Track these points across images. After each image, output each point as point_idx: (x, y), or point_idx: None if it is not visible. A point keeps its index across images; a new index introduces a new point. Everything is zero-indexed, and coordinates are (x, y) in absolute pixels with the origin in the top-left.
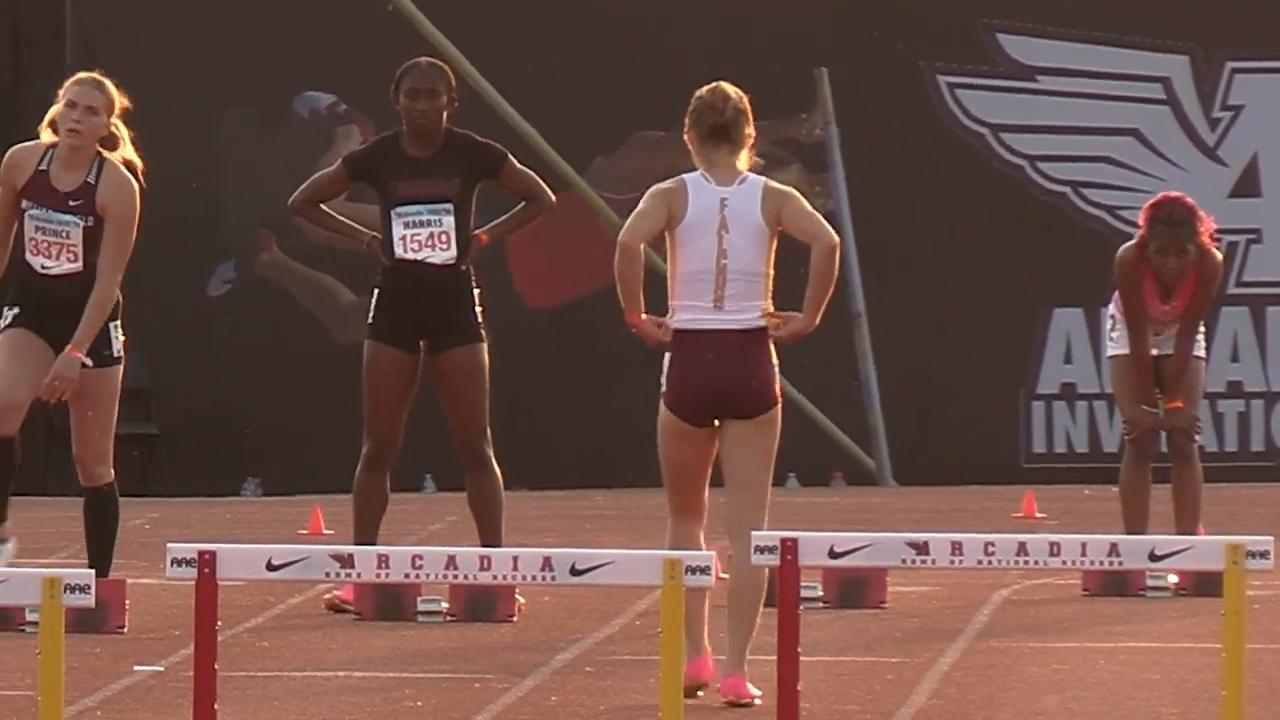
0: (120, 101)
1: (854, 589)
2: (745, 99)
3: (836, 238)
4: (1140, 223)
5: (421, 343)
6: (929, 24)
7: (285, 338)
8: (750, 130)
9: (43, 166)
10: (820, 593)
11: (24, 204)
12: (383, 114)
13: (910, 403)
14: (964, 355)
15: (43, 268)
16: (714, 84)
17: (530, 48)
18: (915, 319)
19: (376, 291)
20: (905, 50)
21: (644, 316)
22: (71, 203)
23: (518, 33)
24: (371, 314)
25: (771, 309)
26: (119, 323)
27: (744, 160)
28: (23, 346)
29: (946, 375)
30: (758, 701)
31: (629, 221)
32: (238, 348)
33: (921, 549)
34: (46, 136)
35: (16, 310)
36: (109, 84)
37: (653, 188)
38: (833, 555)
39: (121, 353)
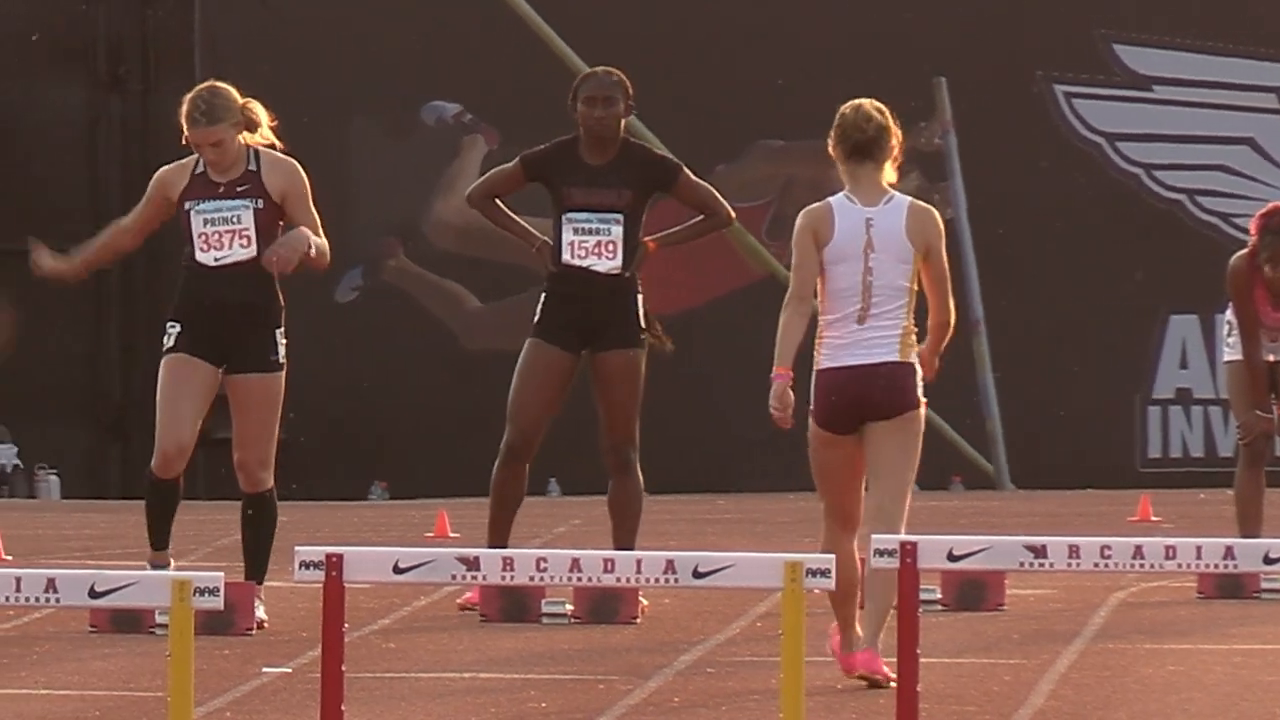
0: (238, 100)
1: (972, 591)
2: (887, 114)
3: (952, 311)
4: (1251, 231)
5: (583, 350)
6: (1047, 35)
7: (412, 344)
8: (894, 143)
9: (198, 171)
10: (939, 595)
11: (187, 205)
12: (508, 123)
13: (1028, 408)
14: (1081, 361)
15: (216, 260)
16: (856, 101)
17: (654, 57)
18: (1033, 326)
19: (543, 295)
20: (1023, 60)
21: (789, 380)
22: (239, 189)
23: (642, 42)
24: (538, 315)
25: (913, 325)
26: (283, 329)
27: (889, 174)
28: (186, 378)
29: (1063, 381)
30: (893, 683)
31: (791, 281)
32: (365, 354)
33: (1039, 552)
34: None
35: (178, 328)
36: (221, 97)
37: (801, 214)
38: (951, 558)
39: (285, 359)
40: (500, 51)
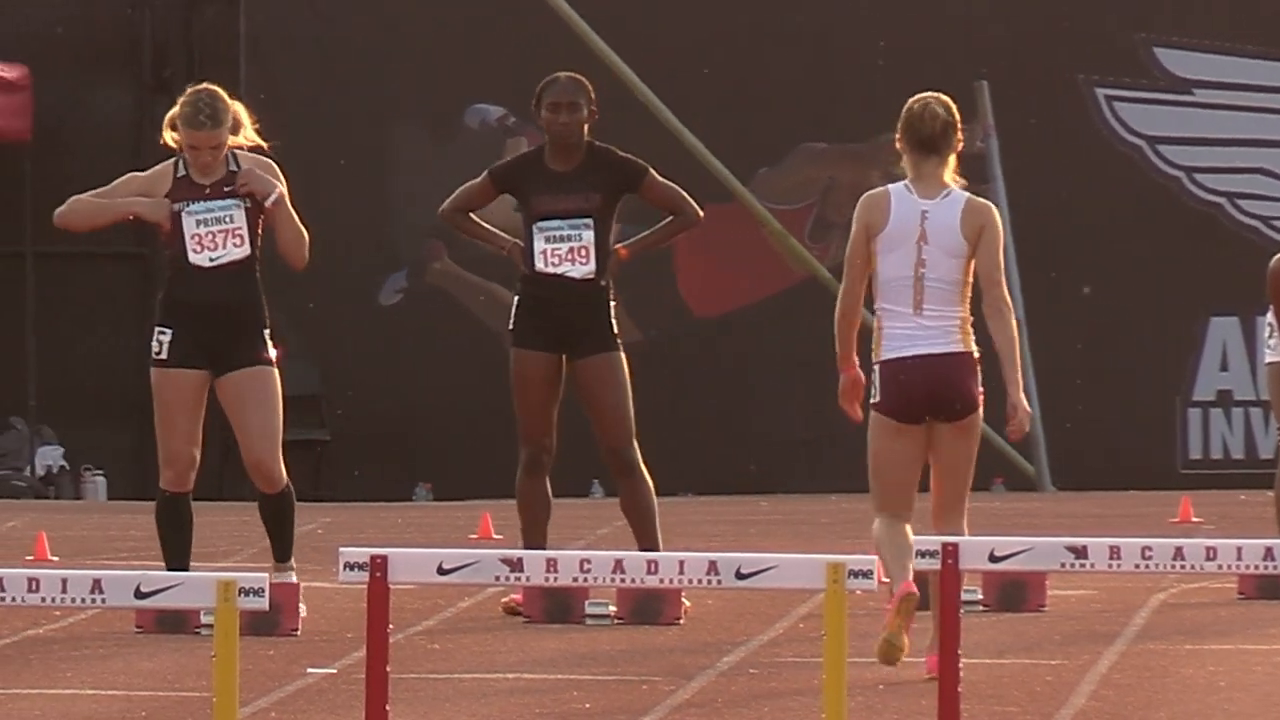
0: (234, 106)
1: (1014, 592)
2: (954, 109)
3: (1010, 308)
4: None
5: (562, 355)
6: (1088, 38)
7: (456, 346)
8: (958, 140)
9: (180, 174)
10: (980, 596)
11: (176, 207)
12: None
13: (1069, 410)
14: (1122, 363)
15: (211, 261)
16: (925, 96)
17: (697, 61)
18: (1074, 328)
19: (517, 299)
20: (1065, 64)
21: (855, 370)
22: (225, 188)
23: (685, 46)
24: (512, 321)
25: (969, 316)
26: (269, 330)
27: (950, 169)
28: (179, 389)
29: (1104, 383)
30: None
31: (845, 274)
32: (409, 355)
33: (1080, 553)
34: (169, 137)
35: (169, 335)
36: (220, 103)
37: (861, 198)
38: (993, 559)
39: (274, 357)
40: (544, 55)
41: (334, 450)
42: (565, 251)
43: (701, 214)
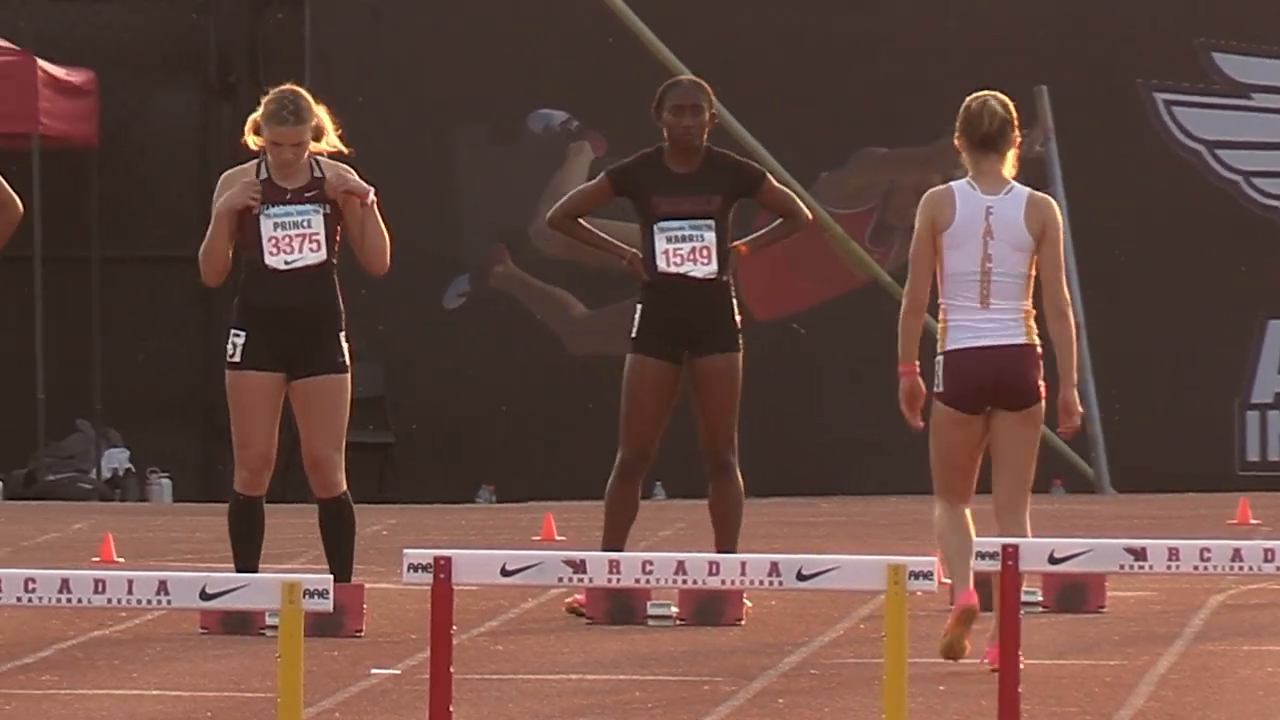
0: (318, 111)
1: (1073, 594)
2: (1012, 108)
3: (1067, 299)
4: None
5: (684, 355)
6: (1147, 43)
7: (519, 349)
8: (1016, 136)
9: (262, 176)
10: (1040, 597)
11: (256, 210)
12: (615, 131)
13: (1128, 412)
14: (1180, 366)
15: (286, 264)
16: (982, 95)
17: (759, 66)
18: (1133, 331)
19: (640, 306)
20: (1124, 69)
21: (916, 375)
22: (307, 194)
23: (746, 52)
24: (636, 328)
25: (1033, 309)
26: (345, 333)
27: (1010, 166)
28: (255, 393)
29: (1163, 386)
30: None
31: (909, 274)
32: (472, 359)
33: (1139, 555)
34: (251, 141)
35: (243, 337)
36: (304, 104)
37: (924, 195)
38: (1053, 561)
39: (348, 361)
40: (607, 60)
41: (398, 453)
42: (687, 251)
43: (811, 217)
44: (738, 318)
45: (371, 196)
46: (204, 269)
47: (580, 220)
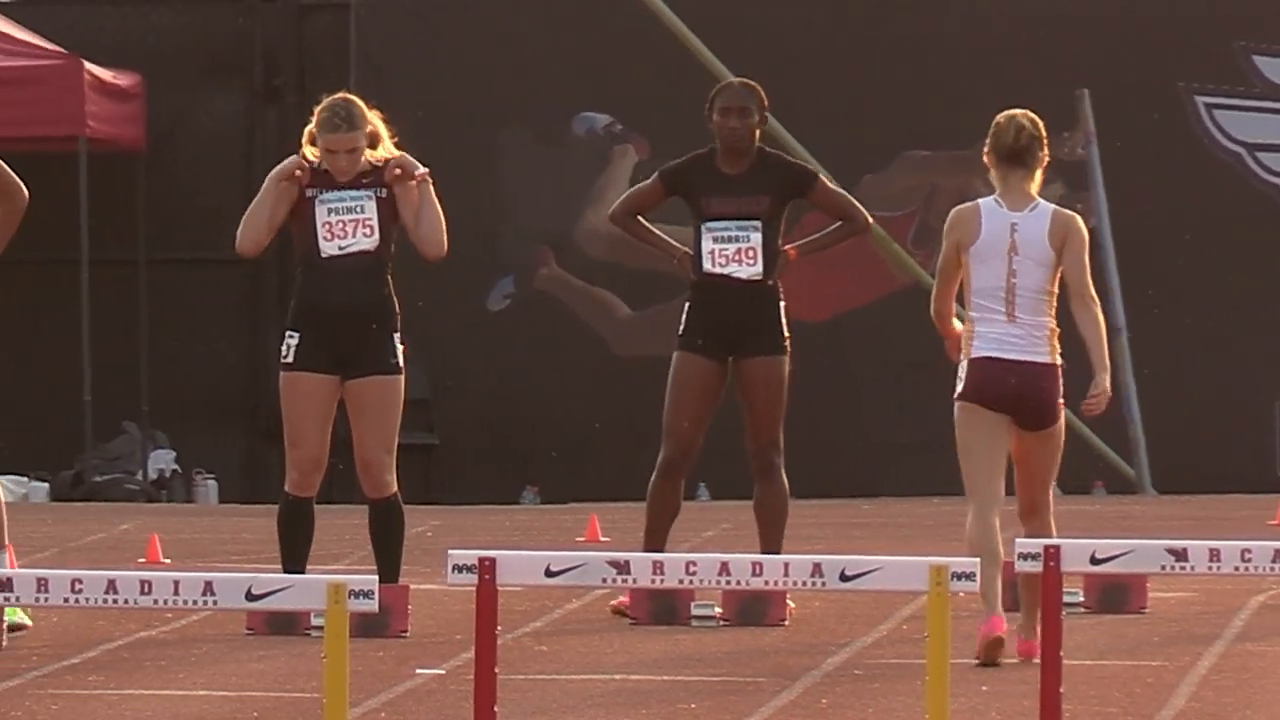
0: (373, 118)
1: (1115, 594)
2: (1040, 125)
3: (1097, 303)
4: None
5: (729, 358)
6: (1187, 47)
7: (563, 351)
8: (1044, 154)
9: (319, 167)
10: (1082, 598)
11: (310, 193)
12: (658, 134)
13: (1169, 414)
14: (1221, 368)
15: (340, 248)
16: (1011, 111)
17: (802, 70)
18: (1174, 333)
19: (687, 305)
20: (1164, 72)
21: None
22: (363, 180)
23: (789, 55)
24: (682, 326)
25: (1056, 326)
26: (400, 334)
27: (1036, 183)
28: (308, 395)
29: (1204, 387)
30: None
31: (936, 279)
32: (517, 360)
33: (1180, 556)
34: (310, 152)
35: (297, 338)
36: (356, 111)
37: (951, 212)
38: (1094, 561)
39: (402, 362)
40: (650, 63)
41: (443, 454)
42: (732, 252)
43: (871, 220)
44: (785, 320)
45: (422, 170)
46: (241, 234)
47: (639, 218)
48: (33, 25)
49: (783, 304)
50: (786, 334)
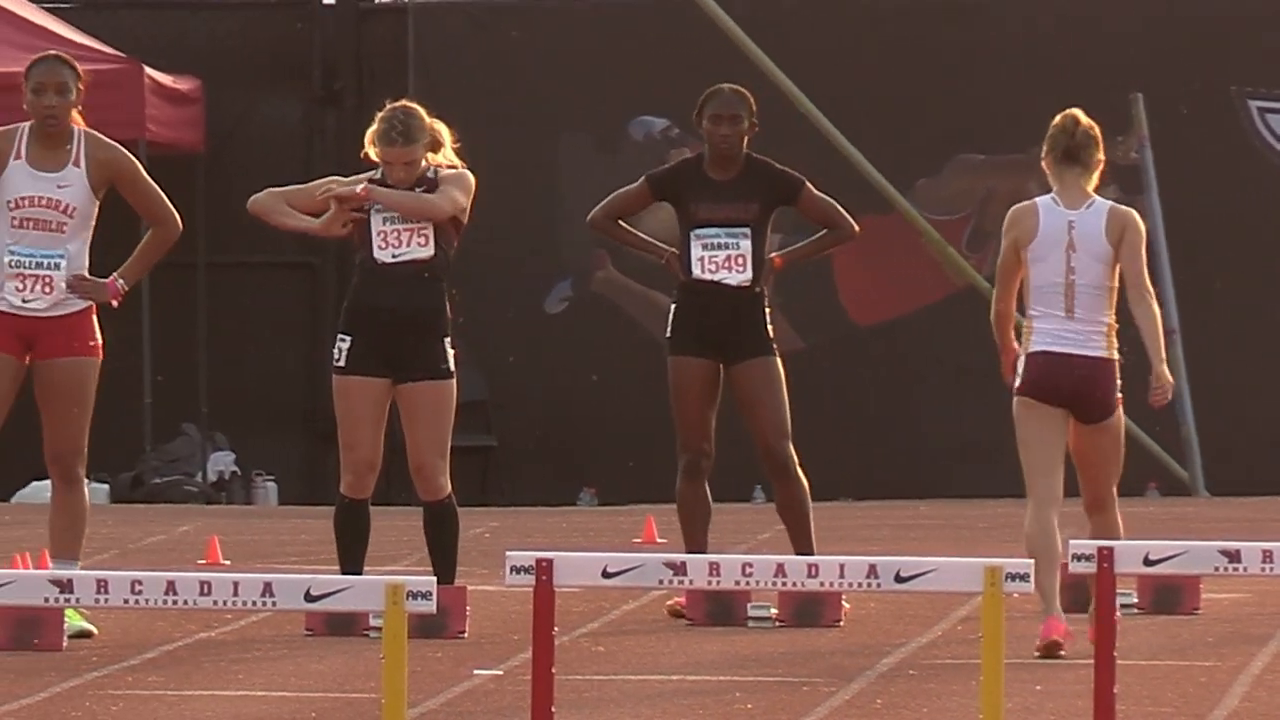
0: (427, 121)
1: (1168, 595)
2: (1096, 127)
3: (1153, 295)
4: None
5: (720, 363)
6: (1240, 50)
7: (620, 353)
8: (1100, 155)
9: (376, 176)
10: (1135, 599)
11: (366, 205)
12: None
13: (1223, 416)
14: (1275, 370)
15: (394, 257)
16: (1068, 112)
17: (857, 74)
18: (1227, 335)
19: (674, 306)
20: (1218, 76)
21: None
22: (418, 189)
23: (845, 60)
24: (670, 328)
25: (1115, 322)
26: (451, 339)
27: (1093, 182)
28: (361, 398)
29: (1258, 390)
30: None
31: (996, 280)
32: (574, 362)
33: (1233, 557)
34: (373, 152)
35: (349, 341)
36: (416, 120)
37: (1010, 210)
38: (1148, 563)
39: (454, 367)
40: (707, 68)
41: (500, 456)
42: (722, 259)
43: (857, 229)
44: (770, 327)
45: (361, 189)
46: (260, 201)
47: (620, 222)
48: (93, 30)
49: (768, 310)
50: (772, 336)
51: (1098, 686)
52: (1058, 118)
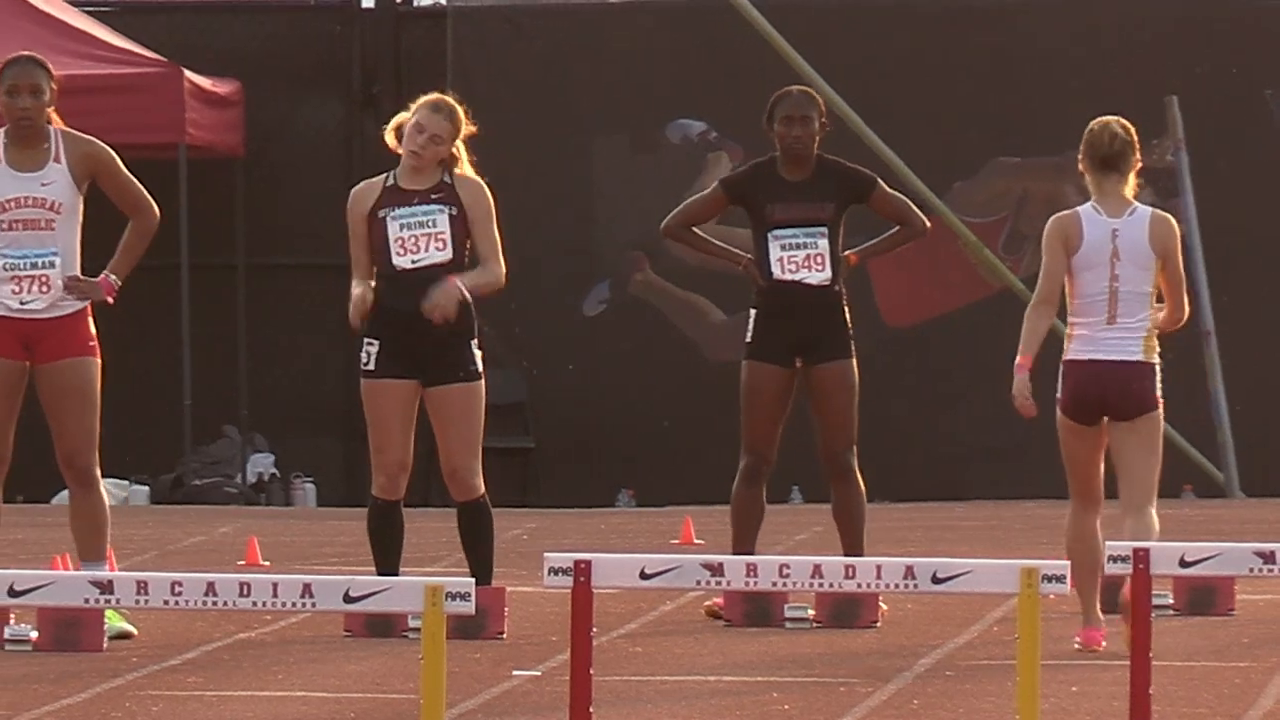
0: (467, 128)
1: (1203, 597)
2: (1132, 131)
3: (1186, 310)
4: None
5: (797, 363)
6: (1274, 53)
7: (658, 355)
8: (1136, 158)
9: (389, 183)
10: (1171, 601)
11: (381, 213)
12: (752, 142)
13: (1258, 418)
14: None
15: (413, 262)
16: (1105, 118)
17: (894, 77)
18: (1262, 337)
19: (754, 312)
20: (1252, 79)
21: (1028, 371)
22: (433, 196)
23: (882, 63)
24: (750, 333)
25: (1155, 326)
26: (477, 340)
27: (1130, 186)
28: (390, 401)
29: None
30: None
31: (1039, 284)
32: (612, 365)
33: (1269, 558)
34: (390, 139)
35: (376, 345)
36: (459, 111)
37: (1051, 220)
38: (1183, 564)
39: (481, 368)
40: (744, 71)
41: (539, 457)
42: (802, 259)
43: (929, 225)
44: (850, 325)
45: (453, 310)
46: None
47: (694, 229)
48: (133, 34)
49: (847, 309)
50: (851, 337)
51: (1133, 687)
52: (1094, 124)
